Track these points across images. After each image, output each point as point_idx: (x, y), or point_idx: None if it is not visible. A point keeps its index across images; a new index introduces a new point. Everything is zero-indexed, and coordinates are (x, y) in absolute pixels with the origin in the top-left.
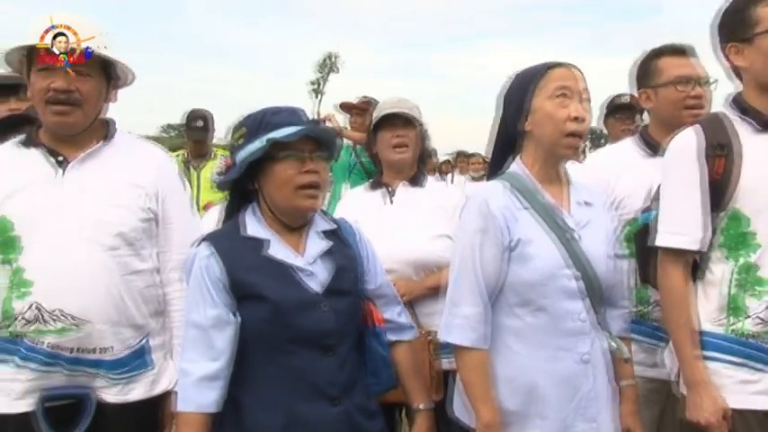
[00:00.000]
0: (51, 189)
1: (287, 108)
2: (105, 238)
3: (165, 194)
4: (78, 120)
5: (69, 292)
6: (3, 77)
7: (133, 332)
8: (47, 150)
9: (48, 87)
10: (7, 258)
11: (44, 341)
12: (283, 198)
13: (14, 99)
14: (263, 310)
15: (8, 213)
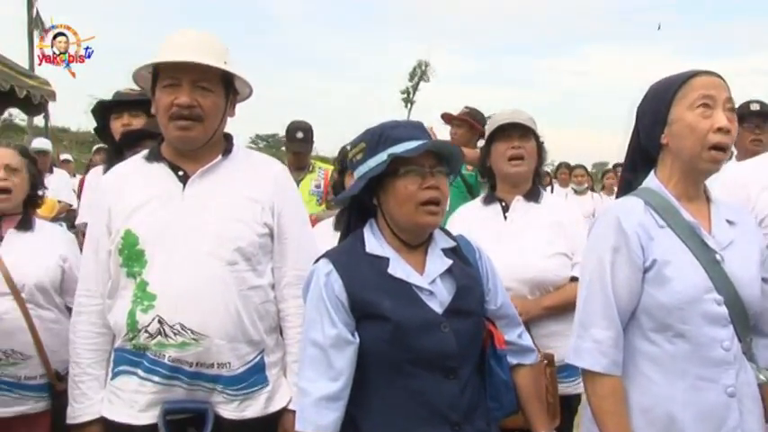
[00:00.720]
0: (173, 203)
1: (406, 122)
2: (224, 252)
3: (281, 209)
4: (199, 134)
5: (189, 306)
6: (122, 94)
7: (250, 348)
8: (169, 165)
9: (172, 103)
10: (132, 271)
11: (166, 355)
12: (404, 214)
13: (127, 115)
14: (384, 330)
15: (134, 227)
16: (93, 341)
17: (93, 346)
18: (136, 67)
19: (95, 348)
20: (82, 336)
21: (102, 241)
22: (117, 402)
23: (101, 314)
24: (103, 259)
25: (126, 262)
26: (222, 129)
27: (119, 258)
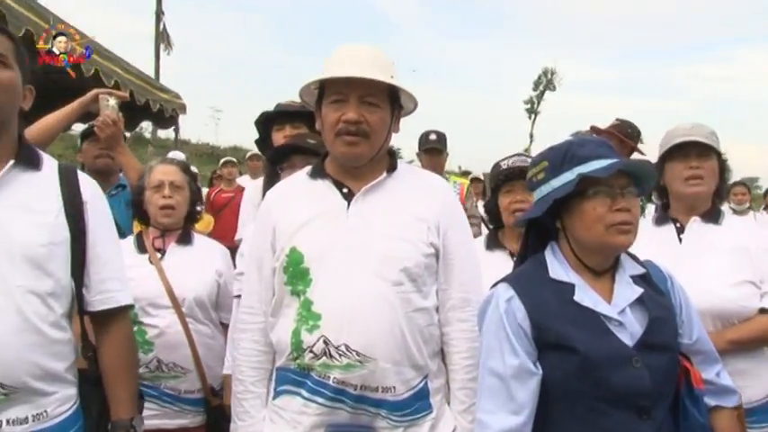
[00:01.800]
0: (338, 221)
1: (593, 140)
2: (390, 273)
3: (447, 228)
4: (365, 151)
5: (355, 327)
6: (284, 106)
7: (415, 373)
8: (333, 182)
9: (338, 119)
10: (296, 290)
11: (331, 376)
12: (592, 237)
13: (289, 127)
14: (570, 362)
15: (299, 245)
16: (257, 359)
17: (256, 364)
18: (303, 83)
19: (258, 366)
20: (245, 353)
21: (266, 259)
22: (279, 422)
23: (263, 332)
24: (267, 277)
25: (290, 280)
26: (387, 145)
27: (283, 276)
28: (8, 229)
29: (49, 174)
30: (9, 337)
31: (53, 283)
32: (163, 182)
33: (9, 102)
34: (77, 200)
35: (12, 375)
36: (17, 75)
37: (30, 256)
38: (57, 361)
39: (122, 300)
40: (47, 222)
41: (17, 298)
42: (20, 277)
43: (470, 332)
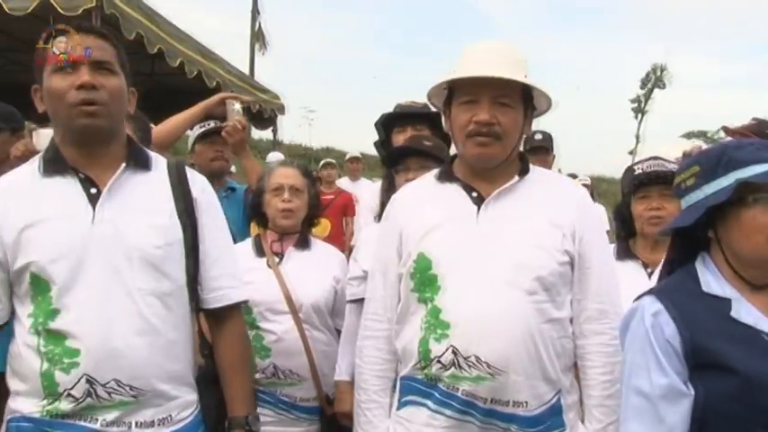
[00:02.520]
0: (469, 227)
1: (752, 142)
2: (523, 281)
3: (583, 236)
4: (497, 153)
5: (486, 338)
6: (405, 107)
7: (547, 387)
8: (463, 186)
9: (469, 120)
10: (424, 297)
11: (460, 388)
12: (753, 249)
13: (410, 128)
14: (728, 384)
15: (427, 250)
16: (381, 367)
17: (380, 373)
18: (432, 85)
19: (382, 375)
20: (369, 361)
21: (392, 265)
22: None
23: (388, 340)
24: (393, 283)
25: (418, 287)
26: (519, 147)
27: (410, 283)
28: (126, 233)
29: (160, 173)
30: (134, 339)
31: (170, 283)
32: (282, 185)
33: (118, 108)
34: (188, 197)
35: (140, 378)
36: (123, 80)
37: (147, 259)
38: (178, 363)
39: (236, 296)
40: (161, 224)
41: (138, 301)
42: (139, 280)
43: (608, 346)
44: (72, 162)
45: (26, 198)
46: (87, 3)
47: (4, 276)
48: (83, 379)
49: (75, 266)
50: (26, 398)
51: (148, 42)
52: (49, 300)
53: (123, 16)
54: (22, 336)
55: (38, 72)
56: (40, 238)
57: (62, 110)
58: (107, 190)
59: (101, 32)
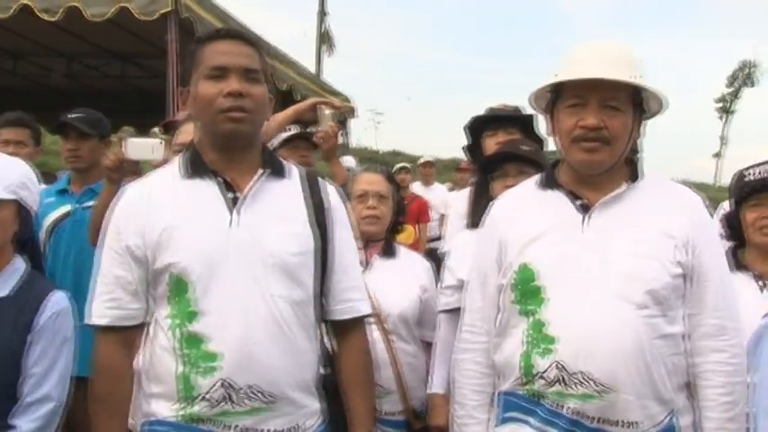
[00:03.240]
0: (574, 236)
1: None
2: (634, 294)
3: (697, 246)
4: (605, 158)
5: (594, 354)
6: (497, 110)
7: (659, 407)
8: (567, 193)
9: (576, 125)
10: (527, 309)
11: (565, 406)
12: None
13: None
14: None
15: (530, 261)
16: (479, 382)
17: (479, 387)
18: (536, 87)
19: (481, 390)
20: (467, 375)
21: (491, 275)
22: None
23: (486, 353)
24: (491, 294)
25: (520, 299)
26: (627, 152)
27: (511, 294)
28: (263, 239)
29: (294, 181)
30: (270, 345)
31: (302, 292)
32: (367, 191)
33: (261, 116)
34: (321, 207)
35: (274, 384)
36: (266, 88)
37: (283, 266)
38: (307, 371)
39: (363, 309)
40: (297, 231)
41: (274, 307)
42: (274, 286)
43: (727, 364)
44: (212, 165)
45: (168, 199)
46: (164, 7)
47: (145, 276)
48: (220, 383)
49: (213, 270)
50: (161, 401)
51: None
52: (188, 302)
53: (198, 20)
54: (159, 337)
55: (187, 75)
56: (181, 240)
57: (209, 114)
58: (246, 195)
59: (249, 40)
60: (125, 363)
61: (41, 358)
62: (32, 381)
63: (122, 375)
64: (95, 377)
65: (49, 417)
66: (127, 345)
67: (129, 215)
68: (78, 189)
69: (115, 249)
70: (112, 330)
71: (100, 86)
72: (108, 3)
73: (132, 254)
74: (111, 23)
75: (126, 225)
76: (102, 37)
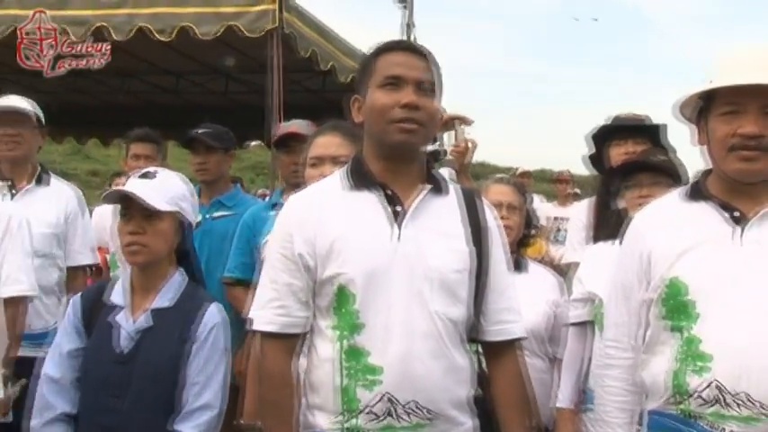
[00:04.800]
0: (729, 249)
1: None
2: None
3: None
4: (765, 167)
5: (758, 374)
6: (624, 119)
7: None
8: (717, 204)
9: (732, 132)
10: (678, 325)
11: (725, 428)
12: None
13: (631, 142)
14: None
15: (680, 275)
16: (624, 399)
17: (624, 405)
18: (686, 95)
19: (626, 408)
20: (612, 392)
21: (634, 290)
22: None
23: (631, 369)
24: (635, 309)
25: (669, 314)
26: None
27: (660, 310)
28: (426, 254)
29: (453, 199)
30: (432, 362)
31: (460, 310)
32: (501, 202)
33: (432, 130)
34: (479, 225)
35: (434, 401)
36: (438, 102)
37: (445, 282)
38: (463, 388)
39: (517, 332)
40: (458, 249)
41: (436, 323)
42: (436, 302)
43: None
44: (379, 178)
45: (336, 210)
46: (269, 25)
47: (312, 285)
48: (384, 397)
49: (377, 283)
50: (322, 412)
51: (321, 60)
52: (353, 313)
53: (299, 35)
54: (321, 348)
55: (360, 84)
56: (348, 251)
57: (380, 124)
58: (411, 210)
59: (425, 53)
60: (291, 370)
61: (202, 368)
62: (194, 389)
63: (289, 382)
64: (264, 383)
65: (210, 424)
66: (291, 353)
67: (299, 224)
68: (207, 200)
69: (287, 257)
70: (279, 337)
71: (201, 102)
72: (217, 22)
73: (304, 262)
74: (217, 41)
75: (296, 233)
76: (209, 55)
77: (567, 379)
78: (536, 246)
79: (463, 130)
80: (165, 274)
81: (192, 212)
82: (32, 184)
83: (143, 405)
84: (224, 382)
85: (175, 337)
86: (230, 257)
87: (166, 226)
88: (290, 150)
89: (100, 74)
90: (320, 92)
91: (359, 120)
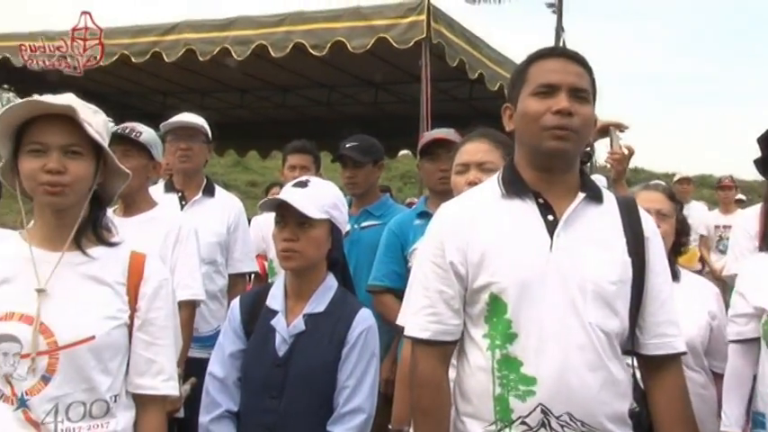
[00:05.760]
0: None
1: None
2: None
3: None
4: None
5: None
6: None
7: None
8: None
9: None
10: None
11: None
12: None
13: None
14: None
15: None
16: None
17: None
18: None
19: None
20: None
21: None
22: None
23: None
24: None
25: None
26: None
27: None
28: (581, 265)
29: (611, 207)
30: (589, 374)
31: (618, 322)
32: (651, 210)
33: (586, 137)
34: (639, 236)
35: (591, 415)
36: (593, 109)
37: (601, 294)
38: (622, 403)
39: (679, 346)
40: (615, 259)
41: (591, 335)
42: (593, 314)
43: None
44: (532, 186)
45: (488, 218)
46: (418, 35)
47: (463, 294)
48: (538, 409)
49: (532, 293)
50: (475, 420)
51: (469, 68)
52: (506, 323)
53: (448, 44)
54: (473, 356)
55: (512, 92)
56: (501, 260)
57: (532, 132)
58: (565, 219)
59: (579, 58)
60: (445, 377)
61: (353, 372)
62: (346, 393)
63: (443, 389)
64: (416, 390)
65: (362, 427)
66: (445, 360)
67: (452, 232)
68: (356, 210)
69: (439, 265)
70: (432, 344)
71: (352, 113)
72: (368, 35)
73: (455, 270)
74: (368, 54)
75: (448, 242)
76: (360, 68)
77: (732, 401)
78: (689, 254)
79: (619, 136)
80: (317, 279)
81: (342, 220)
82: (200, 195)
83: (298, 406)
84: (374, 387)
85: (327, 341)
86: (376, 266)
87: (319, 233)
88: (435, 158)
89: (261, 90)
90: (468, 100)
91: (510, 128)
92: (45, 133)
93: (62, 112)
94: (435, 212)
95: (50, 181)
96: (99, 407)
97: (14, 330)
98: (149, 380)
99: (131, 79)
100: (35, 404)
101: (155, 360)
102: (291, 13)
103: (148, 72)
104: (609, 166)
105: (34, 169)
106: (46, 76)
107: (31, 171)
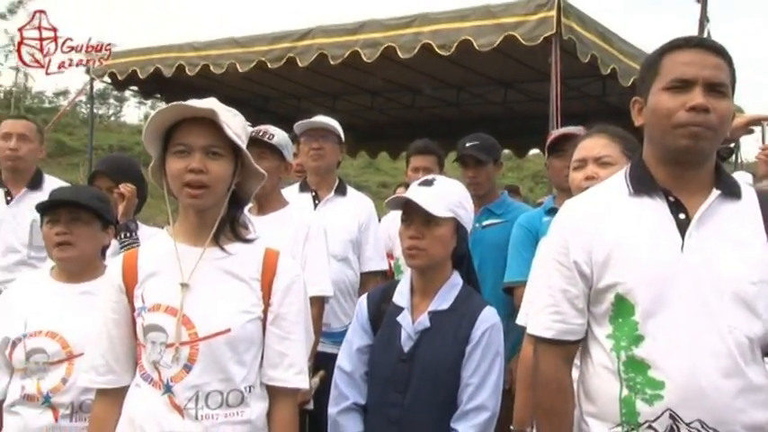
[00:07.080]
0: None
1: None
2: None
3: None
4: None
5: None
6: None
7: None
8: None
9: None
10: None
11: None
12: None
13: None
14: None
15: None
16: None
17: None
18: None
19: None
20: None
21: None
22: None
23: None
24: None
25: None
26: None
27: None
28: (717, 265)
29: (749, 203)
30: (723, 380)
31: (758, 324)
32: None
33: (723, 133)
34: None
35: (725, 422)
36: (730, 103)
37: (739, 295)
38: (762, 412)
39: None
40: (753, 258)
41: (727, 339)
42: (731, 317)
43: None
44: (661, 183)
45: (614, 216)
46: (548, 31)
47: (587, 293)
48: (666, 414)
49: (662, 294)
50: (599, 421)
51: (602, 63)
52: (633, 324)
53: (579, 40)
54: (598, 356)
55: (643, 84)
56: (629, 260)
57: (663, 128)
58: (697, 217)
59: (718, 49)
60: (568, 377)
61: (477, 370)
62: (470, 390)
63: (567, 389)
64: (539, 390)
65: (485, 425)
66: (568, 360)
67: (576, 231)
68: (477, 209)
69: (563, 263)
70: (556, 344)
71: (482, 113)
72: (496, 32)
73: (580, 269)
74: (496, 52)
75: (572, 240)
76: (488, 66)
77: None
78: None
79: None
80: (442, 277)
81: (468, 219)
82: (332, 194)
83: (423, 402)
84: (497, 384)
85: (452, 338)
86: (511, 262)
87: (444, 231)
88: (562, 154)
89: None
90: (601, 97)
91: (639, 122)
92: (189, 135)
93: (204, 115)
94: None
95: (193, 180)
96: (235, 396)
97: (161, 321)
98: (281, 372)
99: (268, 84)
100: (178, 391)
101: (286, 353)
102: (419, 14)
103: (283, 77)
104: (759, 161)
105: (179, 169)
106: (192, 84)
107: (176, 171)
